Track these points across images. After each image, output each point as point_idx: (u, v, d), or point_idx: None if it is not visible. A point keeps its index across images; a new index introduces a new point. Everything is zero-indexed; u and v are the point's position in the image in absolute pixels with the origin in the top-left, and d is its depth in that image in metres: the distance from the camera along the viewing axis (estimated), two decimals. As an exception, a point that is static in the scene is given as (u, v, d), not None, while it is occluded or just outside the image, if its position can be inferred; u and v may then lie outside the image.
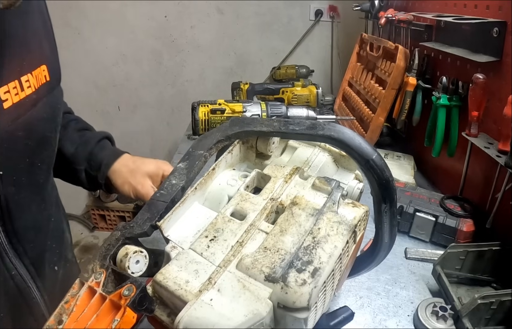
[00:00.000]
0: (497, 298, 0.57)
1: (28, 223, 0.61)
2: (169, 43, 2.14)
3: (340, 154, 0.60)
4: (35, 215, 0.63)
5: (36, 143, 0.60)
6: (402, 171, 1.08)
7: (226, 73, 2.17)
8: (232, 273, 0.38)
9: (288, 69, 1.96)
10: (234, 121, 0.52)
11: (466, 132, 0.82)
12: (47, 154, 0.65)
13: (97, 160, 0.77)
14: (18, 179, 0.58)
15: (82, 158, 0.77)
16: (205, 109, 0.98)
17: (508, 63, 0.73)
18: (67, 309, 0.36)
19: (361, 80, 1.41)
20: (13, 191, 0.57)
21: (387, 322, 0.63)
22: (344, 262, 0.42)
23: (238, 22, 2.09)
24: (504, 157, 0.68)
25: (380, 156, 0.43)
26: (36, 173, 0.63)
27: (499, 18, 0.76)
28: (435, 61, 1.06)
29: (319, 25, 2.09)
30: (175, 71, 2.20)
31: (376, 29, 1.55)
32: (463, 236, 0.77)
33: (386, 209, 0.43)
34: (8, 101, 0.52)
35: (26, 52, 0.56)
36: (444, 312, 0.60)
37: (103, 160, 0.77)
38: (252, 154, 0.58)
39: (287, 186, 0.49)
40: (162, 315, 0.39)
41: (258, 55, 2.16)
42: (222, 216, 0.45)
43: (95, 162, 0.77)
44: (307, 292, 0.35)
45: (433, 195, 0.88)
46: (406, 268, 0.75)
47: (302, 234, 0.41)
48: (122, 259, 0.40)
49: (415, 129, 1.13)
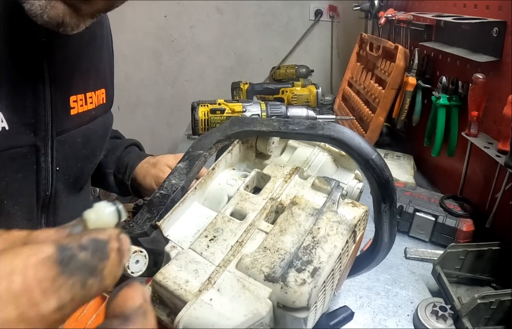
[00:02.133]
0: (496, 298, 0.57)
1: (66, 220, 0.64)
2: (168, 43, 2.14)
3: (339, 154, 0.60)
4: (72, 213, 0.68)
5: (88, 153, 0.69)
6: (401, 171, 1.08)
7: (225, 73, 2.17)
8: (232, 273, 0.38)
9: (287, 69, 1.96)
10: (234, 121, 0.52)
11: (466, 132, 0.82)
12: (92, 167, 0.74)
13: (123, 163, 0.84)
14: (68, 179, 0.65)
15: (111, 163, 0.85)
16: (204, 109, 0.98)
17: (508, 63, 0.73)
18: (66, 309, 0.36)
19: (361, 80, 1.41)
20: (61, 188, 0.64)
21: (387, 322, 0.63)
22: (344, 261, 0.42)
23: (238, 22, 2.09)
24: (503, 157, 0.68)
25: (380, 156, 0.43)
26: (81, 178, 0.71)
27: (499, 18, 0.76)
28: (435, 61, 1.06)
29: (319, 25, 2.09)
30: (175, 71, 2.20)
31: (376, 29, 1.55)
32: (462, 236, 0.77)
33: (385, 208, 0.43)
34: (75, 109, 0.60)
35: (92, 73, 0.66)
36: (444, 312, 0.60)
37: (128, 163, 0.83)
38: (251, 154, 0.58)
39: (286, 185, 0.49)
40: (162, 315, 0.39)
41: (258, 55, 2.16)
42: (222, 216, 0.45)
43: (122, 165, 0.84)
44: (307, 292, 0.35)
45: (432, 195, 0.88)
46: (406, 267, 0.75)
47: (302, 233, 0.41)
48: (121, 259, 0.40)
49: (414, 129, 1.13)
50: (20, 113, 0.49)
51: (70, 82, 0.59)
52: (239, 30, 2.11)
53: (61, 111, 0.58)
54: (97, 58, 0.69)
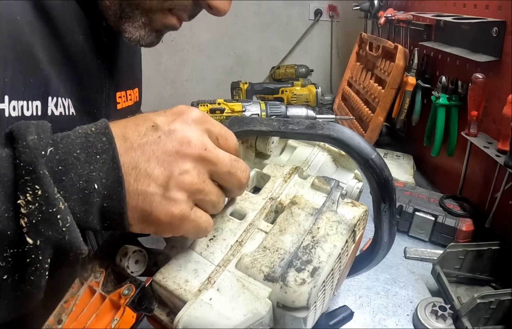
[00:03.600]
0: (496, 298, 0.57)
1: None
2: (168, 42, 2.13)
3: (339, 153, 0.60)
4: None
5: None
6: (401, 170, 1.08)
7: (225, 72, 2.17)
8: (232, 273, 0.38)
9: (287, 69, 1.96)
10: (234, 120, 0.52)
11: (466, 132, 0.82)
12: None
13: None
14: None
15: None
16: (204, 109, 0.98)
17: (508, 63, 0.73)
18: (66, 308, 0.36)
19: (361, 80, 1.41)
20: None
21: (387, 321, 0.63)
22: (344, 261, 0.42)
23: (238, 21, 2.09)
24: (503, 157, 0.68)
25: (380, 155, 0.43)
26: None
27: (499, 18, 0.76)
28: (435, 60, 1.06)
29: (319, 25, 2.09)
30: (174, 71, 2.20)
31: (376, 29, 1.55)
32: (462, 236, 0.77)
33: (385, 208, 0.43)
34: (120, 104, 0.64)
35: (131, 73, 0.71)
36: (444, 312, 0.60)
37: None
38: (251, 154, 0.58)
39: (286, 185, 0.49)
40: (162, 314, 0.39)
41: (258, 55, 2.16)
42: (221, 215, 0.45)
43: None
44: (307, 292, 0.35)
45: (432, 195, 0.89)
46: (406, 267, 0.75)
47: (302, 233, 0.41)
48: (121, 259, 0.40)
49: (414, 129, 1.13)
50: (85, 103, 0.53)
51: (117, 79, 0.63)
52: (239, 29, 2.11)
53: (113, 105, 0.62)
54: (134, 58, 0.73)
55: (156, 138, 0.35)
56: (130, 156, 0.34)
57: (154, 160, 0.34)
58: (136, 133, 0.35)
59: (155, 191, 0.34)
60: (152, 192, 0.34)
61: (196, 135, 0.36)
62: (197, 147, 0.35)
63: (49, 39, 0.46)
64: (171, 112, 0.38)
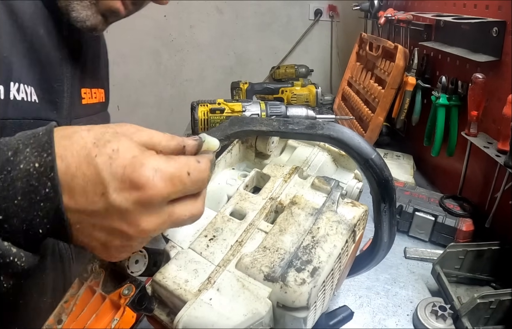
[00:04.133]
0: (496, 298, 0.57)
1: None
2: (168, 42, 2.14)
3: (339, 153, 0.60)
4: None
5: None
6: (401, 170, 1.08)
7: (225, 72, 2.17)
8: (232, 273, 0.38)
9: (287, 69, 1.96)
10: (234, 120, 0.52)
11: (466, 132, 0.82)
12: None
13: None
14: None
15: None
16: (204, 109, 0.98)
17: (508, 63, 0.73)
18: (66, 308, 0.36)
19: (361, 80, 1.41)
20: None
21: (387, 321, 0.63)
22: (344, 261, 0.42)
23: (238, 21, 2.09)
24: (503, 157, 0.68)
25: (380, 155, 0.43)
26: None
27: (499, 18, 0.76)
28: (435, 60, 1.06)
29: (319, 25, 2.09)
30: (174, 71, 2.20)
31: (376, 29, 1.55)
32: (462, 236, 0.77)
33: (385, 208, 0.43)
34: (85, 100, 0.67)
35: (96, 72, 0.73)
36: (444, 312, 0.60)
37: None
38: (251, 154, 0.58)
39: (286, 185, 0.49)
40: (162, 314, 0.39)
41: (258, 55, 2.16)
42: (222, 215, 0.45)
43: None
44: (306, 292, 0.35)
45: (432, 195, 0.89)
46: (406, 267, 0.75)
47: (302, 233, 0.41)
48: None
49: (414, 129, 1.13)
50: (47, 93, 0.56)
51: (82, 76, 0.66)
52: (239, 29, 2.11)
53: (76, 99, 0.64)
54: (98, 60, 0.76)
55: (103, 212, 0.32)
56: (75, 215, 0.33)
57: (99, 229, 0.33)
58: (83, 198, 0.32)
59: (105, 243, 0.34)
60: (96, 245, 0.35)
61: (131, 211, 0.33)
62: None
63: (13, 30, 0.50)
64: (123, 177, 0.33)
